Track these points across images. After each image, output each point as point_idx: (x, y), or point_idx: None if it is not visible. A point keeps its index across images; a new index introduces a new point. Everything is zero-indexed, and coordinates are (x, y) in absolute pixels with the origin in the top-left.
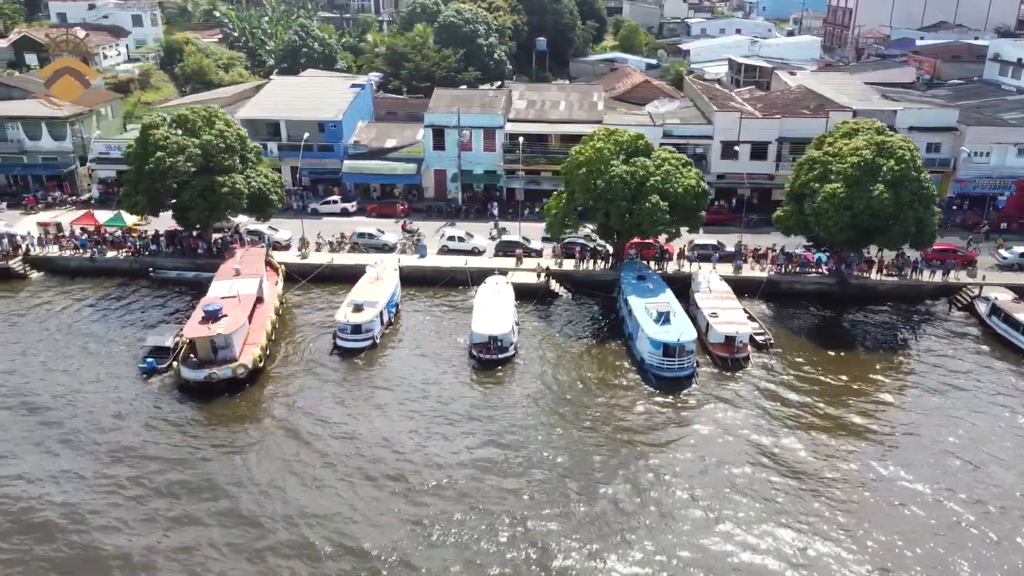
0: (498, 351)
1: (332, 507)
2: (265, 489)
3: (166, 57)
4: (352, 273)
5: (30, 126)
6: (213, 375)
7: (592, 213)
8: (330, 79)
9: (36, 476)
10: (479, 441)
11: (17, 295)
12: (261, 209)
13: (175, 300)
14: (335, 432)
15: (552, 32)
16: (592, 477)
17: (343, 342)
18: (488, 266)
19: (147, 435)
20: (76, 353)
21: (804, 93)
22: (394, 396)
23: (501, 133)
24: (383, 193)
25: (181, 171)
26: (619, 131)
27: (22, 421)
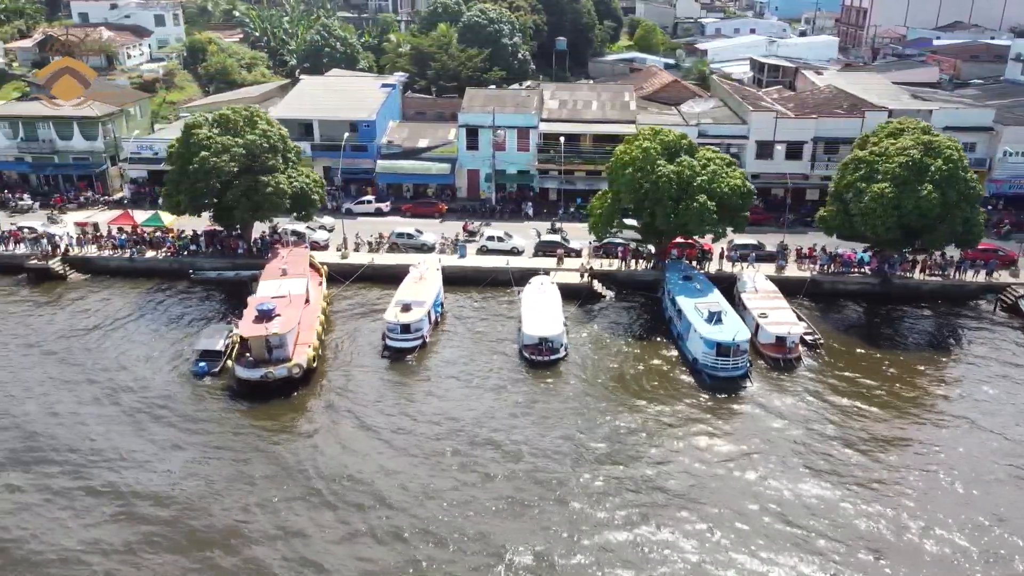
0: (549, 352)
1: (411, 502)
2: (346, 484)
3: (189, 57)
4: (392, 273)
5: (62, 126)
6: (269, 374)
7: (637, 213)
8: (359, 79)
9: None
10: (537, 440)
11: (58, 296)
12: (302, 209)
13: (217, 301)
14: (397, 430)
15: (571, 32)
16: (650, 475)
17: (393, 342)
18: (529, 266)
19: (210, 434)
20: (123, 354)
21: (835, 93)
22: (448, 395)
23: (535, 133)
24: (416, 193)
25: (225, 171)
26: (664, 131)
27: (84, 424)
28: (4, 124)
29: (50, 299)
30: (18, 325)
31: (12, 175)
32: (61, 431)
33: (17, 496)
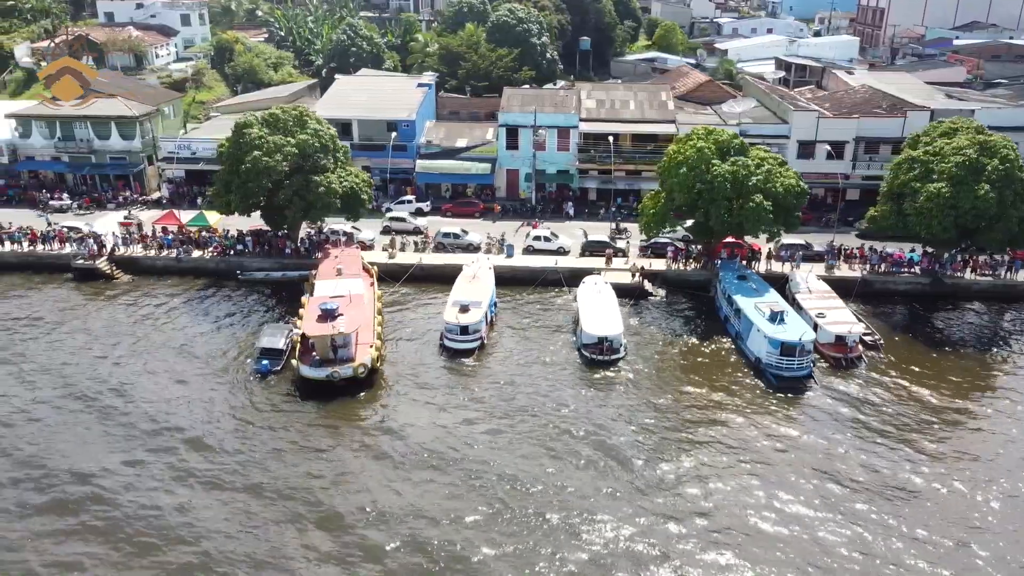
0: (610, 351)
1: (489, 504)
2: (428, 487)
3: (216, 56)
4: (440, 273)
5: (100, 125)
6: (335, 374)
7: (690, 213)
8: (394, 78)
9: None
10: (610, 437)
11: (108, 296)
12: (352, 209)
13: (266, 300)
14: (468, 431)
15: (593, 32)
16: (717, 474)
17: (451, 343)
18: (577, 266)
19: (274, 433)
20: (182, 353)
21: (871, 93)
22: (513, 395)
23: (575, 132)
24: (454, 193)
25: (277, 171)
26: (717, 130)
27: (140, 429)
28: (41, 124)
29: (100, 299)
30: (74, 324)
31: (48, 175)
32: (129, 431)
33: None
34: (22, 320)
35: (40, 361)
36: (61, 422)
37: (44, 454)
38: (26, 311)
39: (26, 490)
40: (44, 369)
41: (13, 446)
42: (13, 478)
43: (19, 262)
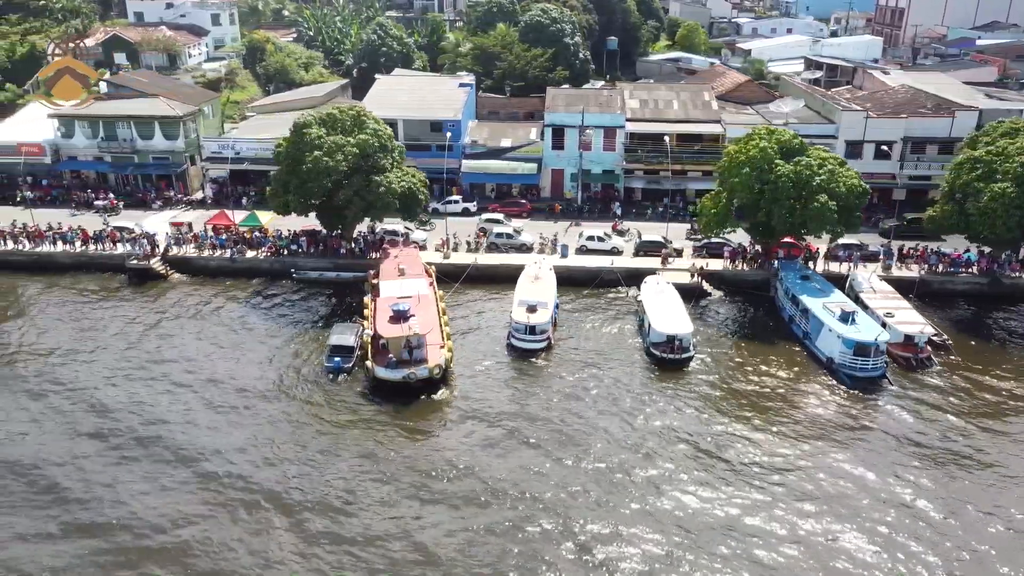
0: (681, 350)
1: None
2: (510, 491)
3: (248, 56)
4: (495, 274)
5: (143, 125)
6: (412, 375)
7: (751, 213)
8: (433, 78)
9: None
10: (688, 437)
11: (165, 296)
12: (409, 209)
13: (323, 300)
14: (546, 430)
15: (620, 31)
16: (798, 474)
17: (519, 343)
18: (632, 266)
19: (354, 433)
20: (247, 353)
21: (912, 92)
22: (585, 396)
23: (622, 132)
24: (499, 193)
25: (338, 171)
26: (779, 130)
27: (223, 432)
28: (84, 124)
29: (157, 299)
30: (135, 324)
31: (90, 175)
32: (204, 432)
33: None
34: (83, 320)
35: (104, 362)
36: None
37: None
38: (86, 311)
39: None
40: (108, 372)
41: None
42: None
43: (72, 262)
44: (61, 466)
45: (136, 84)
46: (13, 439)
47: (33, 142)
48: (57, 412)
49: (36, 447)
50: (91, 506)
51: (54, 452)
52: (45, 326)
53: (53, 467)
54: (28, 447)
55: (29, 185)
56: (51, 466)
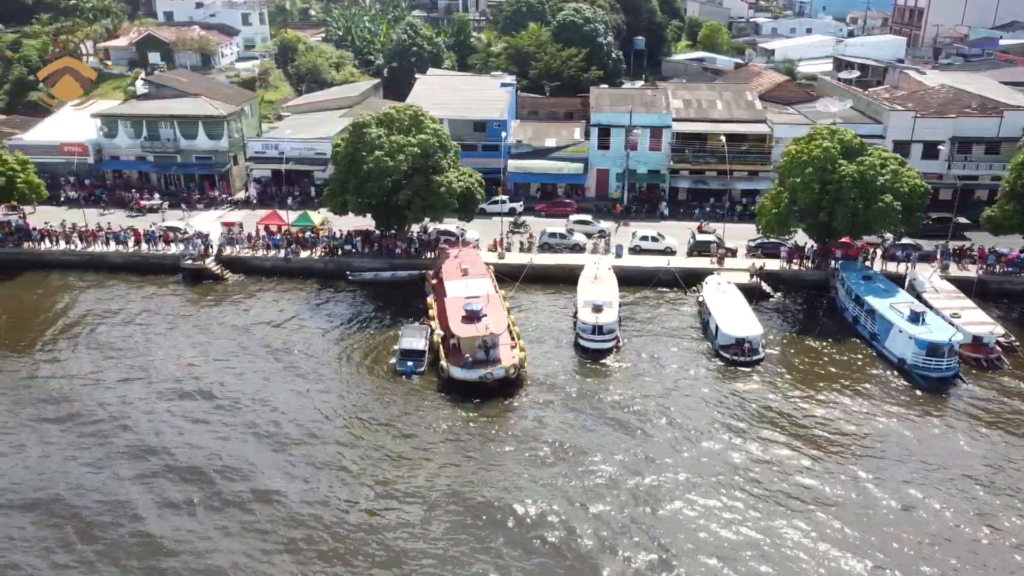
0: (750, 352)
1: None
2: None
3: (279, 56)
4: (550, 274)
5: (186, 125)
6: (489, 376)
7: (813, 213)
8: (474, 78)
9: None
10: (766, 438)
11: (224, 297)
12: (466, 209)
13: (380, 301)
14: (621, 431)
15: (646, 31)
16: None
17: (587, 343)
18: (688, 266)
19: (435, 432)
20: (316, 355)
21: (954, 92)
22: (658, 396)
23: (668, 132)
24: (544, 193)
25: (400, 171)
26: (841, 130)
27: (292, 438)
28: (127, 123)
29: (217, 299)
30: (196, 327)
31: (132, 175)
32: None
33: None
34: (143, 320)
35: (167, 364)
36: (210, 430)
37: (202, 462)
38: (146, 311)
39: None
40: (172, 372)
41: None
42: (179, 487)
43: (124, 262)
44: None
45: (176, 84)
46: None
47: (76, 142)
48: (142, 411)
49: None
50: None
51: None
52: (108, 326)
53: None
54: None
55: (72, 185)
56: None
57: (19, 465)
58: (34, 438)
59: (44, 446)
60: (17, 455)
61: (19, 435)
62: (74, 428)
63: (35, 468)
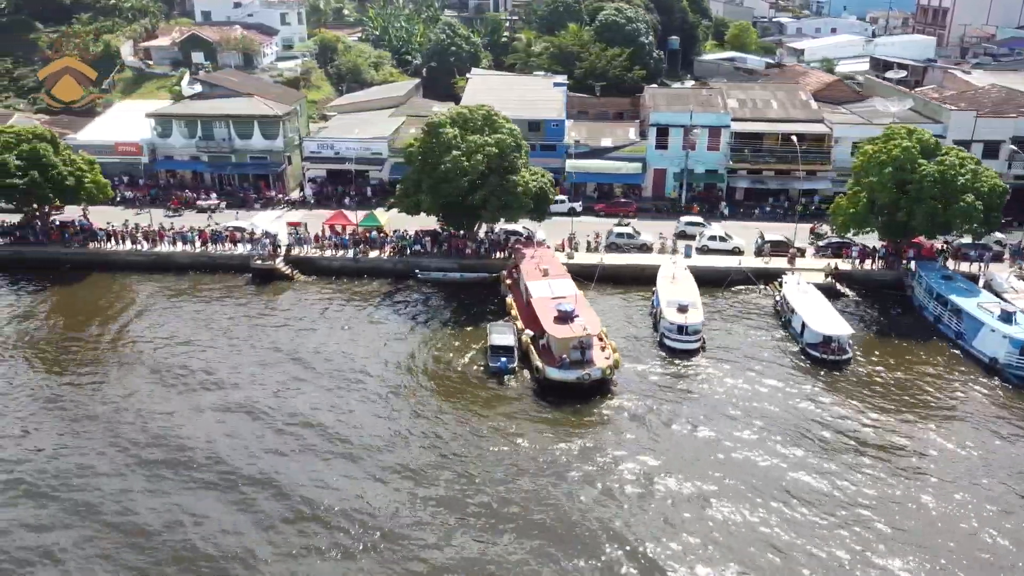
0: (839, 351)
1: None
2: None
3: (319, 55)
4: (621, 274)
5: (241, 125)
6: (587, 376)
7: (890, 212)
8: (526, 78)
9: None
10: (866, 440)
11: (294, 296)
12: (539, 209)
13: (453, 300)
14: (718, 431)
15: (679, 31)
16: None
17: (673, 343)
18: (760, 266)
19: (536, 434)
20: (401, 353)
21: (1006, 92)
22: (751, 397)
23: (727, 132)
24: (601, 193)
25: (478, 171)
26: (919, 130)
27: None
28: (181, 123)
29: (286, 299)
30: (271, 325)
31: (186, 175)
32: (379, 431)
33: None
34: (220, 320)
35: (253, 367)
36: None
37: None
38: (220, 311)
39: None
40: (259, 374)
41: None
42: (275, 503)
43: (191, 262)
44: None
45: (228, 83)
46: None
47: (130, 141)
48: (221, 413)
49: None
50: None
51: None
52: (181, 325)
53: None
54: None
55: (126, 184)
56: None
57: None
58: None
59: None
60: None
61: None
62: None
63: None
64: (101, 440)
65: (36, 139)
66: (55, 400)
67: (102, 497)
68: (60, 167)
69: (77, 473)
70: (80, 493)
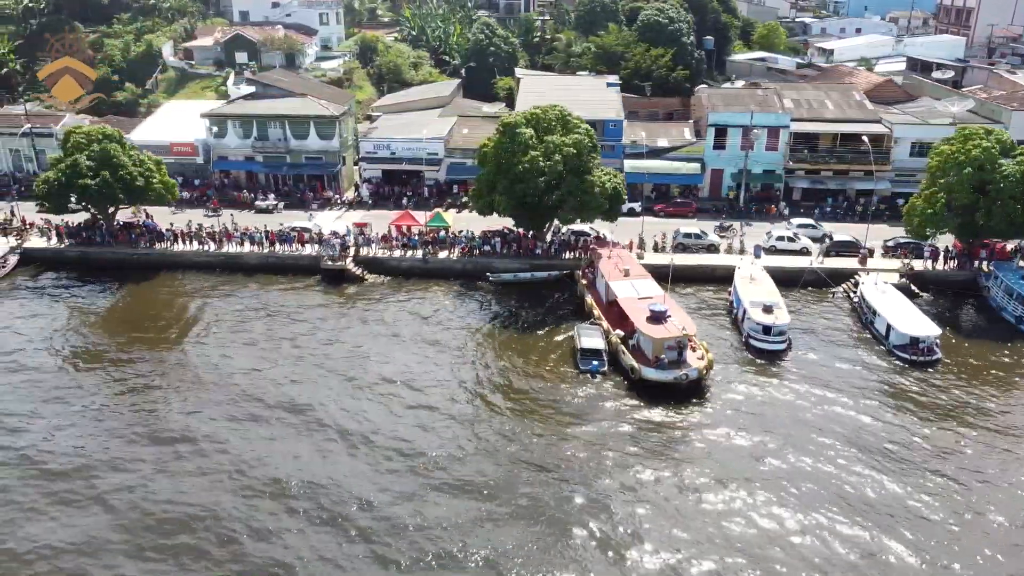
0: (928, 352)
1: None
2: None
3: (360, 55)
4: (691, 274)
5: (297, 125)
6: (684, 377)
7: (969, 212)
8: (579, 78)
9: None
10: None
11: (367, 297)
12: (613, 209)
13: (527, 301)
14: (816, 432)
15: (712, 31)
16: None
17: (759, 343)
18: (831, 267)
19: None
20: (481, 357)
21: None
22: (848, 398)
23: (786, 132)
24: (658, 193)
25: (556, 171)
26: (997, 130)
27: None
28: (236, 123)
29: (360, 300)
30: (348, 326)
31: (240, 175)
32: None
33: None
34: (295, 320)
35: (336, 364)
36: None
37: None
38: (297, 312)
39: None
40: (345, 371)
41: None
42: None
43: (259, 263)
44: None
45: (280, 83)
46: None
47: (185, 142)
48: (287, 424)
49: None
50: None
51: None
52: (261, 326)
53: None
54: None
55: (180, 185)
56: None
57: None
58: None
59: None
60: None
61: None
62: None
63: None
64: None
65: (106, 139)
66: (122, 408)
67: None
68: (129, 167)
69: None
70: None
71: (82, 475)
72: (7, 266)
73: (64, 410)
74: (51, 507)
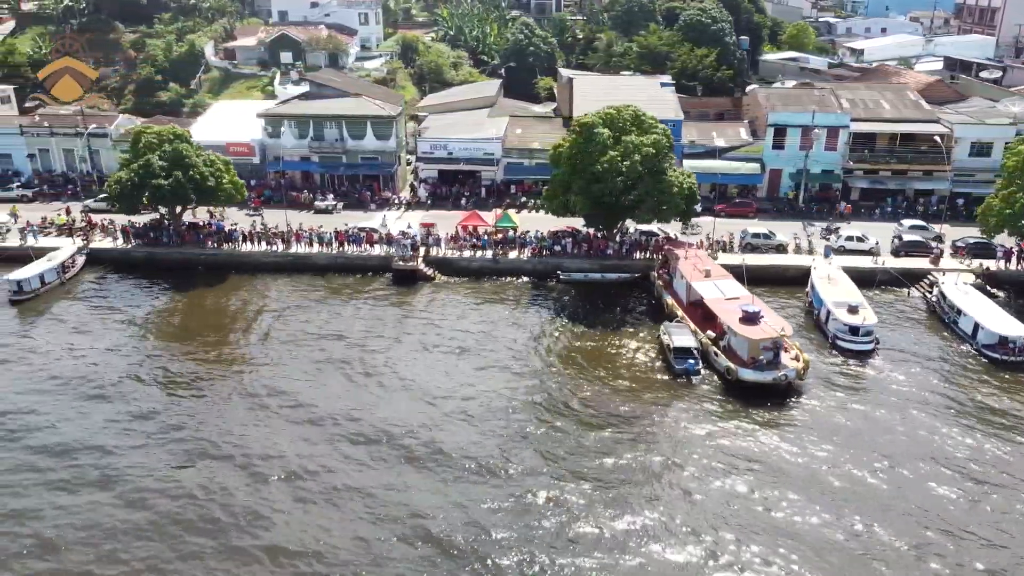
0: (1019, 351)
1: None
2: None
3: (401, 55)
4: (764, 275)
5: (354, 125)
6: (783, 377)
7: None
8: (630, 79)
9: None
10: None
11: (440, 297)
12: (689, 209)
13: (602, 301)
14: (923, 431)
15: (746, 31)
16: None
17: (846, 343)
18: (903, 267)
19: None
20: (582, 355)
21: None
22: (944, 398)
23: (846, 132)
24: (716, 193)
25: (635, 172)
26: None
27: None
28: (292, 123)
29: (441, 300)
30: (426, 325)
31: (296, 175)
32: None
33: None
34: (371, 320)
35: (415, 367)
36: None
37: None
38: (374, 311)
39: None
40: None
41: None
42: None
43: (328, 263)
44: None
45: (333, 83)
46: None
47: (242, 142)
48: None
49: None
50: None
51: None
52: (342, 325)
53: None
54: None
55: None
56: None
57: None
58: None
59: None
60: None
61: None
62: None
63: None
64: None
65: (177, 139)
66: (195, 411)
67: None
68: (200, 167)
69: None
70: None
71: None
72: (75, 266)
73: (152, 428)
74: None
